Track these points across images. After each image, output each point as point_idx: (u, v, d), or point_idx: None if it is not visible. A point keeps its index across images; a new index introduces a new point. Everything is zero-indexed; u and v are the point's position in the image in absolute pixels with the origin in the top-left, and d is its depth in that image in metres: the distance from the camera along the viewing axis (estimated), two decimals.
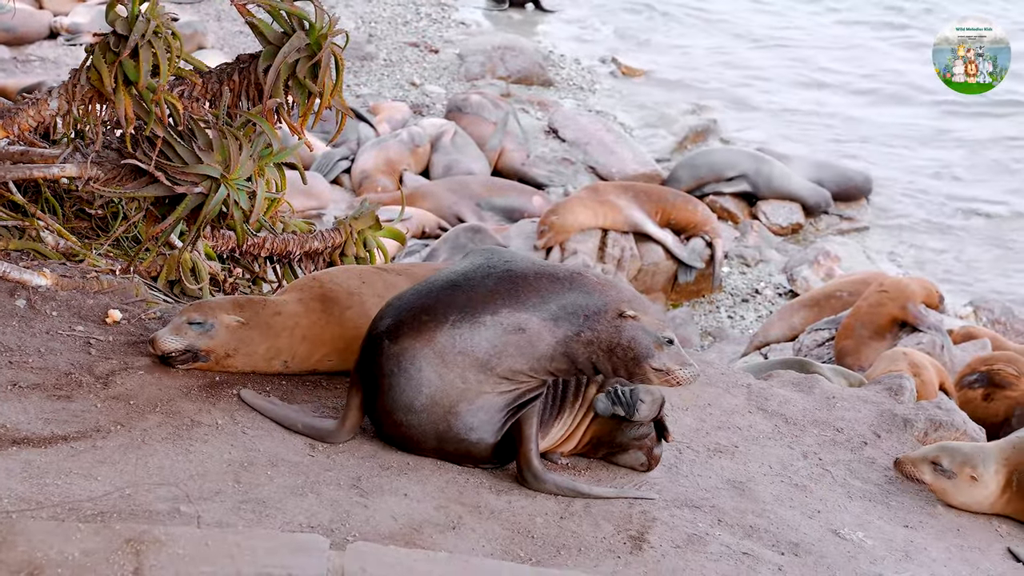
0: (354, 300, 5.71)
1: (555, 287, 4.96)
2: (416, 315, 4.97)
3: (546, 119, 20.15)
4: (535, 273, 4.99)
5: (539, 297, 4.94)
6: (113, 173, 6.06)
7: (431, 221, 15.87)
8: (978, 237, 18.40)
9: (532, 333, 4.94)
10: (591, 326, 4.95)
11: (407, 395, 4.99)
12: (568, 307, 4.95)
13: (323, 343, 5.68)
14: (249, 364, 5.61)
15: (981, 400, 10.95)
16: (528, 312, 4.93)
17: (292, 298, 5.72)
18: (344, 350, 5.65)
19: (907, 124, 22.43)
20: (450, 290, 4.98)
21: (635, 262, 15.51)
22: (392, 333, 4.99)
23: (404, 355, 4.96)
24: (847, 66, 25.20)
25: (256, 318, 5.58)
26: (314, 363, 5.72)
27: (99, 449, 4.76)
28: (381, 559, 4.03)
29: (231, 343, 5.54)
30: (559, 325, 4.94)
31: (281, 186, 6.74)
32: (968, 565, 5.49)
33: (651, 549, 4.83)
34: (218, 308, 5.56)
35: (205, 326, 5.49)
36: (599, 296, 4.98)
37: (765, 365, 10.68)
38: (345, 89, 20.98)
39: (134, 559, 3.74)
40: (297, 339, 5.64)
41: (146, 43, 5.70)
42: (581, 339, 4.96)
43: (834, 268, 15.90)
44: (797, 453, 6.18)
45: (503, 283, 4.95)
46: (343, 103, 6.18)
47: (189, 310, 5.55)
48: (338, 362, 5.72)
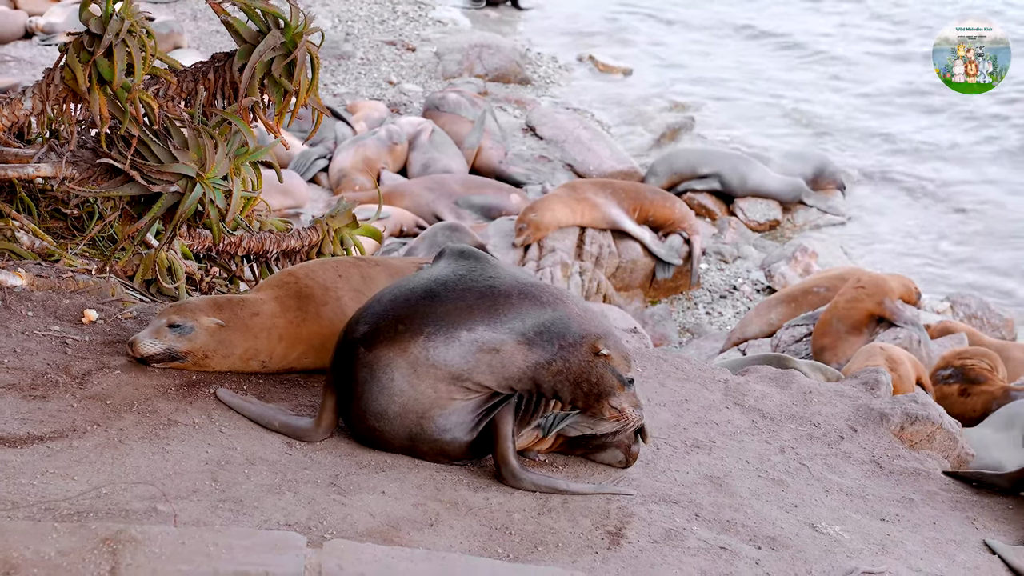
0: (330, 296, 5.70)
1: (535, 310, 4.97)
2: (392, 323, 4.96)
3: (524, 117, 20.16)
4: (518, 292, 4.98)
5: (518, 319, 4.94)
6: (88, 172, 6.05)
7: (409, 219, 15.86)
8: (956, 232, 18.47)
9: (505, 355, 4.96)
10: (564, 356, 4.98)
11: (379, 402, 4.99)
12: (545, 334, 4.96)
13: (300, 342, 5.67)
14: (227, 364, 5.60)
15: (958, 395, 11.01)
16: (505, 333, 4.94)
17: (269, 296, 5.70)
18: (320, 348, 5.65)
19: (885, 116, 22.50)
20: (428, 300, 4.96)
21: (613, 259, 15.54)
22: (367, 340, 4.99)
23: (377, 363, 4.96)
24: (825, 62, 25.25)
25: (235, 319, 5.57)
26: (292, 362, 5.71)
27: (75, 449, 4.74)
28: (358, 556, 4.03)
29: (210, 345, 5.52)
30: (533, 350, 4.96)
31: (257, 185, 6.72)
32: (944, 558, 5.51)
33: (629, 544, 4.83)
34: (197, 310, 5.54)
35: (184, 329, 5.48)
36: (577, 327, 5.00)
37: (743, 361, 10.72)
38: (322, 88, 20.92)
39: (110, 558, 3.74)
40: (275, 339, 5.63)
41: (120, 42, 5.69)
42: (552, 368, 4.99)
43: (811, 264, 15.96)
44: (774, 448, 6.20)
45: (483, 299, 4.95)
46: (319, 101, 6.18)
47: (168, 312, 5.53)
48: (315, 360, 5.71)
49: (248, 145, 6.15)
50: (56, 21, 19.86)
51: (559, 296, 5.04)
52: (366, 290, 5.68)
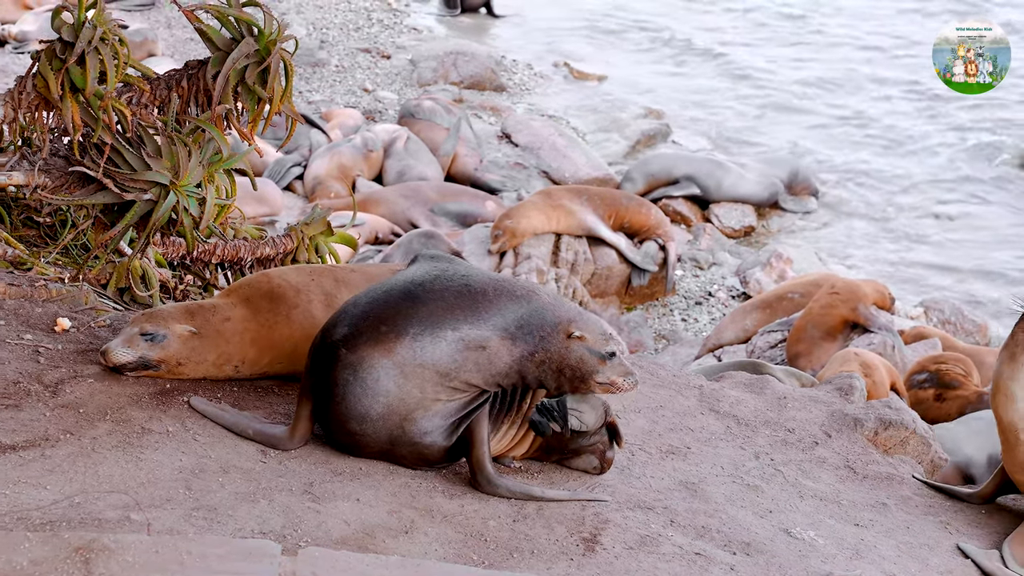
0: (301, 299, 5.68)
1: (512, 305, 5.01)
2: (374, 325, 4.96)
3: (499, 124, 20.16)
4: (493, 289, 5.02)
5: (499, 315, 4.98)
6: (61, 181, 6.03)
7: (384, 227, 15.84)
8: (929, 238, 18.55)
9: (492, 351, 4.99)
10: (544, 346, 5.03)
11: (363, 404, 4.99)
12: (524, 327, 5.01)
13: (272, 346, 5.65)
14: (201, 371, 5.59)
15: (933, 400, 11.06)
16: (489, 330, 4.97)
17: (239, 298, 5.67)
18: (292, 353, 5.63)
19: (859, 122, 22.60)
20: (409, 301, 4.97)
21: (588, 266, 15.55)
22: (348, 342, 4.98)
23: (361, 365, 4.95)
24: (795, 67, 25.35)
25: (207, 326, 5.55)
26: (264, 367, 5.69)
27: (48, 458, 4.72)
28: (333, 564, 4.02)
29: (183, 353, 5.50)
30: (516, 344, 5.01)
31: (231, 192, 6.71)
32: (917, 562, 5.53)
33: (604, 551, 4.84)
34: (170, 318, 5.52)
35: (157, 338, 5.46)
36: (551, 315, 5.05)
37: (718, 367, 10.73)
38: (297, 95, 20.86)
39: (83, 567, 3.72)
40: (247, 343, 5.60)
41: (92, 50, 5.67)
42: (535, 359, 5.04)
43: (786, 270, 15.99)
44: (749, 454, 6.22)
45: (462, 298, 4.97)
46: (293, 109, 6.18)
47: (141, 320, 5.51)
48: (287, 365, 5.69)
49: (222, 153, 6.14)
50: (29, 29, 19.76)
51: (531, 288, 5.10)
52: (339, 294, 5.67)
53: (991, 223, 18.97)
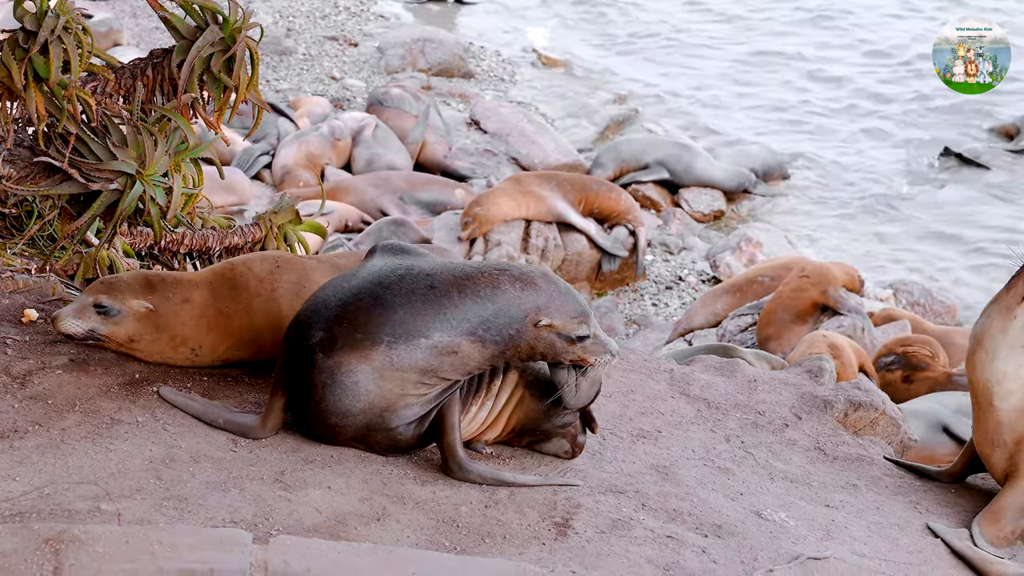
0: (264, 288, 5.64)
1: (477, 306, 4.98)
2: (348, 331, 4.94)
3: (467, 111, 20.15)
4: (458, 290, 4.98)
5: (465, 319, 4.96)
6: (26, 171, 5.99)
7: (354, 215, 15.82)
8: (898, 220, 18.63)
9: (464, 354, 5.00)
10: (514, 342, 5.03)
11: (344, 403, 4.99)
12: (492, 327, 4.99)
13: (231, 335, 5.60)
14: (154, 350, 5.53)
15: (901, 382, 11.12)
16: (459, 336, 4.96)
17: (203, 280, 5.63)
18: (252, 342, 5.60)
19: (828, 107, 22.67)
20: (379, 308, 4.94)
21: (559, 252, 15.57)
22: (325, 347, 4.97)
23: (339, 369, 4.95)
24: (767, 55, 25.41)
25: (165, 304, 5.47)
26: (222, 354, 5.63)
27: (16, 449, 4.70)
28: (304, 552, 4.02)
29: (136, 330, 5.44)
30: (486, 346, 5.01)
31: (198, 181, 6.67)
32: (888, 542, 5.55)
33: (576, 535, 4.85)
34: (128, 292, 5.44)
35: (111, 311, 5.40)
36: (517, 307, 5.01)
37: (689, 351, 10.76)
38: (264, 84, 20.80)
39: (53, 558, 3.71)
40: (204, 329, 5.56)
41: (56, 39, 5.63)
42: (506, 355, 5.06)
43: (756, 254, 16.05)
44: (719, 437, 6.23)
45: (429, 302, 4.95)
46: (259, 97, 6.15)
47: (98, 290, 5.42)
48: (246, 353, 5.66)
49: (188, 142, 6.11)
50: None
51: (495, 281, 5.03)
52: (307, 284, 5.64)
53: (960, 205, 19.05)
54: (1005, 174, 19.88)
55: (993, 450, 6.06)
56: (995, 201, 19.12)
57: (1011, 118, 21.50)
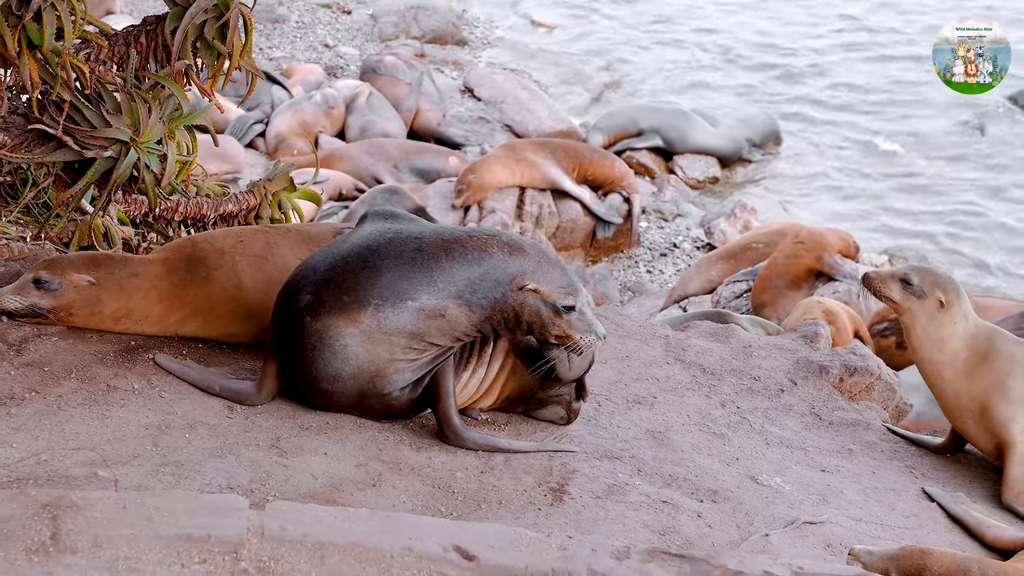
0: (224, 260, 5.62)
1: (464, 269, 4.99)
2: (335, 294, 4.96)
3: (461, 78, 20.10)
4: (446, 253, 5.00)
5: (451, 282, 4.98)
6: (20, 139, 5.97)
7: (348, 183, 15.80)
8: (894, 186, 18.61)
9: (451, 317, 5.01)
10: (500, 306, 5.03)
11: (333, 367, 5.01)
12: (479, 291, 5.00)
13: (183, 305, 5.58)
14: (93, 323, 5.50)
15: (895, 348, 11.13)
16: (446, 299, 4.98)
17: (158, 257, 5.63)
18: (208, 312, 5.60)
19: (823, 73, 22.62)
20: (368, 270, 4.96)
21: (553, 219, 15.55)
22: (313, 310, 4.98)
23: (328, 332, 4.97)
24: (759, 25, 25.33)
25: (109, 278, 5.47)
26: (172, 325, 5.61)
27: (13, 416, 4.71)
28: (301, 517, 4.02)
29: (76, 302, 5.44)
30: (473, 309, 5.01)
31: (192, 149, 6.66)
32: (883, 506, 5.58)
33: (572, 500, 4.86)
34: (69, 266, 5.45)
35: (51, 285, 5.39)
36: (503, 271, 5.02)
37: (684, 318, 10.77)
38: (258, 52, 20.71)
39: (51, 524, 3.71)
40: (152, 300, 5.53)
41: (49, 6, 5.60)
42: (493, 319, 5.06)
43: (751, 220, 16.04)
44: (715, 402, 6.25)
45: (416, 266, 4.97)
46: (252, 64, 6.12)
47: (40, 267, 5.44)
48: (200, 325, 5.64)
49: (182, 109, 6.09)
50: None
51: (484, 244, 5.05)
52: (270, 256, 5.64)
53: (960, 173, 19.04)
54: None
55: (965, 422, 6.14)
56: (987, 171, 19.12)
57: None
